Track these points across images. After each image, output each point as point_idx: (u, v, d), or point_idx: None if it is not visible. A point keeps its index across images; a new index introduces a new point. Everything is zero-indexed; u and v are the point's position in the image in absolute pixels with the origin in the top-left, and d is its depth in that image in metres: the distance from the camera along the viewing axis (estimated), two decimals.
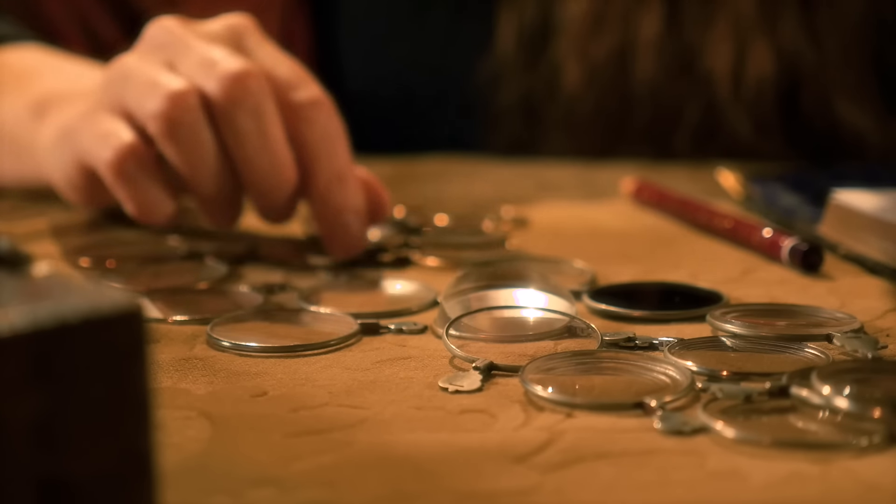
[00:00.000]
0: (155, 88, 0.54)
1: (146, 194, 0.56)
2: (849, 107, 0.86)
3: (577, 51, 0.86)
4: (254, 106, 0.54)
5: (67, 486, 0.28)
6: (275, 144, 0.55)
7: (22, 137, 0.66)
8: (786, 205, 0.68)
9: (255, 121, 0.54)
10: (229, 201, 0.57)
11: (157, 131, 0.54)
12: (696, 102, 0.86)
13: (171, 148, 0.55)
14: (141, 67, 0.56)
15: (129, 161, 0.55)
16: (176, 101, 0.54)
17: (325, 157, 0.56)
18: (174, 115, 0.54)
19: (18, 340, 0.28)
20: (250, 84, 0.54)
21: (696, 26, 0.85)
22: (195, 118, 0.54)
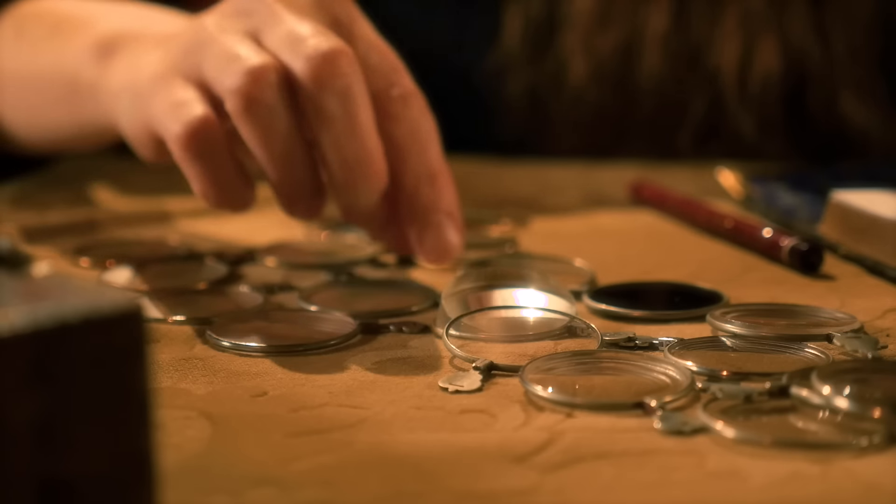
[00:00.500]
0: (235, 61, 0.50)
1: (216, 174, 0.52)
2: (855, 104, 0.86)
3: (584, 45, 0.86)
4: (343, 88, 0.50)
5: (67, 486, 0.28)
6: (364, 131, 0.50)
7: (84, 79, 0.61)
8: (786, 205, 0.68)
9: (343, 104, 0.50)
10: (309, 191, 0.53)
11: (233, 108, 0.50)
12: (701, 99, 0.86)
13: (246, 127, 0.51)
14: (222, 35, 0.52)
15: (199, 136, 0.51)
16: (255, 77, 0.50)
17: (415, 154, 0.52)
18: (252, 91, 0.50)
19: (18, 340, 0.28)
20: (341, 64, 0.50)
21: (703, 22, 0.85)
22: (275, 97, 0.50)
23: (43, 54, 0.65)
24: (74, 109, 0.63)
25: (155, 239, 0.64)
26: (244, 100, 0.50)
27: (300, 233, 0.66)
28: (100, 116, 0.61)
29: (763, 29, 0.85)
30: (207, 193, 0.52)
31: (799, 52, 0.85)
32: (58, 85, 0.63)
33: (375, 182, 0.51)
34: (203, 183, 0.52)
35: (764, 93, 0.85)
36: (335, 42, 0.50)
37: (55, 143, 0.69)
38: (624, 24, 0.86)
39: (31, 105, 0.67)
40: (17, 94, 0.67)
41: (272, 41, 0.51)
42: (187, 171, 0.52)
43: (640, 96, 0.87)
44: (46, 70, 0.64)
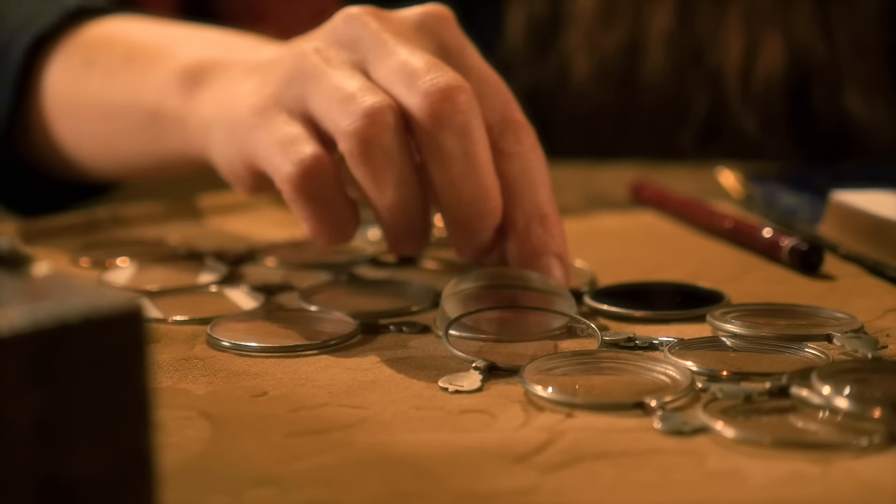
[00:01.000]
0: (350, 101, 0.48)
1: (328, 215, 0.51)
2: (859, 101, 0.86)
3: (587, 43, 0.86)
4: (462, 126, 0.48)
5: (67, 486, 0.28)
6: (481, 169, 0.49)
7: (169, 109, 0.59)
8: (786, 205, 0.68)
9: (461, 142, 0.48)
10: (419, 230, 0.51)
11: (349, 150, 0.48)
12: (704, 97, 0.86)
13: (361, 170, 0.49)
14: (330, 68, 0.50)
15: (312, 177, 0.50)
16: (373, 119, 0.48)
17: (527, 193, 0.50)
18: (370, 134, 0.48)
19: (18, 340, 0.28)
20: (459, 101, 0.48)
21: (707, 20, 0.85)
22: (392, 139, 0.48)
23: (119, 84, 0.63)
24: (156, 140, 0.61)
25: (155, 239, 0.64)
26: (361, 143, 0.48)
27: (300, 233, 0.66)
28: (186, 147, 0.59)
29: (767, 26, 0.85)
30: (319, 233, 0.51)
31: (803, 49, 0.85)
32: (137, 115, 0.61)
33: (491, 220, 0.50)
34: (315, 223, 0.51)
35: (768, 90, 0.85)
36: (452, 77, 0.48)
37: (129, 173, 0.67)
38: (627, 22, 0.86)
39: (104, 135, 0.65)
40: (88, 124, 0.65)
41: (383, 75, 0.50)
42: (299, 211, 0.51)
43: (643, 94, 0.87)
44: (124, 100, 0.62)
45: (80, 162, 0.67)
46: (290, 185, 0.50)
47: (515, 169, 0.50)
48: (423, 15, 0.52)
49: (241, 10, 0.90)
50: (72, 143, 0.67)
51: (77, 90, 0.65)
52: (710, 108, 0.86)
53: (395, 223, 0.51)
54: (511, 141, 0.50)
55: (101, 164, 0.67)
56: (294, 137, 0.50)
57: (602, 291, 0.52)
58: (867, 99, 0.86)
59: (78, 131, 0.66)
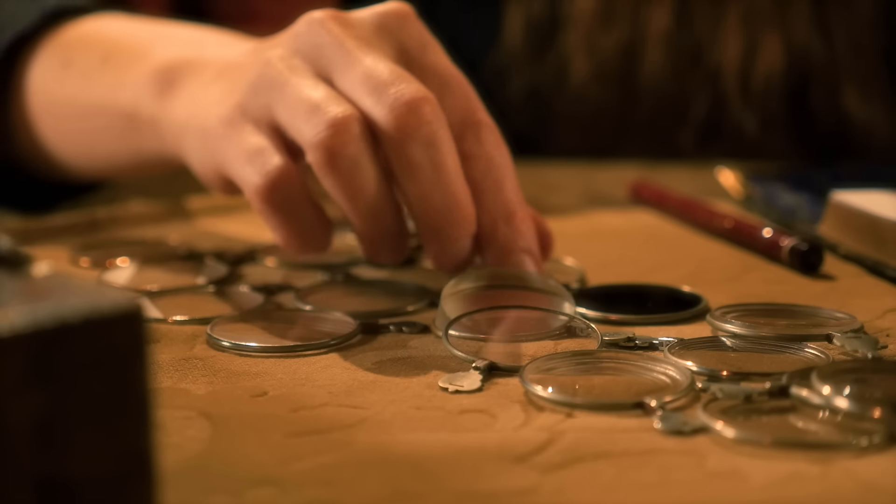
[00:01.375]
0: (314, 112, 0.49)
1: (297, 224, 0.51)
2: (858, 101, 0.86)
3: (586, 44, 0.86)
4: (428, 137, 0.48)
5: (67, 486, 0.28)
6: (450, 178, 0.49)
7: (143, 111, 0.59)
8: (786, 205, 0.68)
9: (429, 153, 0.48)
10: (394, 237, 0.51)
11: (316, 161, 0.49)
12: (703, 97, 0.86)
13: (329, 180, 0.49)
14: (294, 77, 0.50)
15: (279, 188, 0.50)
16: (338, 130, 0.48)
17: (491, 192, 0.51)
18: (335, 145, 0.48)
19: (18, 340, 0.28)
20: (424, 112, 0.48)
21: (705, 20, 0.85)
22: (359, 150, 0.48)
23: (96, 85, 0.63)
24: (134, 141, 0.61)
25: (155, 239, 0.64)
26: (326, 153, 0.48)
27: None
28: (162, 149, 0.59)
29: (766, 27, 0.85)
30: (290, 243, 0.52)
31: (802, 49, 0.85)
32: (114, 116, 0.62)
33: (464, 228, 0.50)
34: (284, 233, 0.51)
35: (767, 91, 0.85)
36: (416, 88, 0.48)
37: (110, 172, 0.68)
38: (626, 22, 0.86)
39: (83, 135, 0.65)
40: (68, 124, 0.66)
41: (347, 84, 0.50)
42: (268, 221, 0.51)
43: (642, 95, 0.87)
44: (100, 101, 0.62)
45: (62, 161, 0.68)
46: (257, 196, 0.50)
47: (478, 170, 0.50)
48: (383, 15, 0.52)
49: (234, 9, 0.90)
50: (53, 143, 0.67)
51: (56, 91, 0.65)
52: (709, 108, 0.86)
53: (368, 232, 0.51)
54: (472, 142, 0.50)
55: (82, 163, 0.67)
56: (260, 149, 0.51)
57: (582, 294, 0.52)
58: (865, 99, 0.86)
59: (58, 131, 0.66)
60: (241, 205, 0.70)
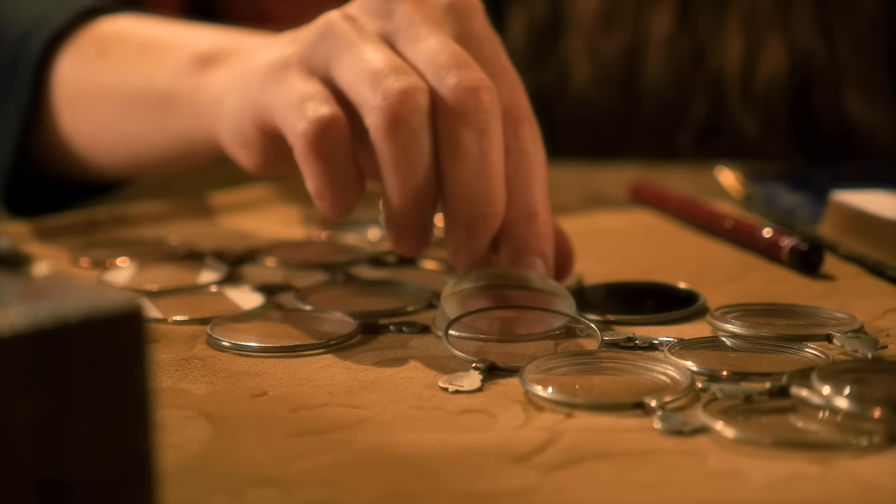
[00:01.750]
0: (382, 76, 0.48)
1: (337, 176, 0.50)
2: (860, 103, 0.86)
3: (588, 48, 0.86)
4: (482, 125, 0.48)
5: (67, 487, 0.28)
6: (493, 171, 0.49)
7: (181, 90, 0.59)
8: (786, 205, 0.68)
9: (479, 141, 0.48)
10: (423, 226, 0.51)
11: (377, 124, 0.48)
12: (704, 100, 0.86)
13: (386, 146, 0.48)
14: (360, 38, 0.50)
15: (326, 136, 0.49)
16: (407, 97, 0.48)
17: (519, 189, 0.50)
18: (401, 112, 0.48)
19: (18, 340, 0.28)
20: (484, 100, 0.48)
21: (707, 23, 0.85)
22: (421, 122, 0.48)
23: (132, 73, 0.63)
24: (166, 123, 0.61)
25: (155, 239, 0.64)
26: (391, 119, 0.48)
27: (300, 233, 0.66)
28: (195, 128, 0.59)
29: (768, 29, 0.85)
30: (322, 194, 0.50)
31: (804, 52, 0.85)
32: (149, 99, 0.62)
33: (492, 224, 0.49)
34: (321, 182, 0.50)
35: (769, 93, 0.85)
36: (480, 76, 0.49)
37: (136, 164, 0.67)
38: (628, 26, 0.86)
39: (114, 122, 0.65)
40: (100, 112, 0.65)
41: (414, 57, 0.50)
42: (306, 168, 0.50)
43: (644, 99, 0.87)
44: (137, 86, 0.62)
45: (87, 154, 0.67)
46: (303, 139, 0.49)
47: (511, 164, 0.50)
48: (454, 1, 0.52)
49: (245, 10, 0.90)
50: (80, 134, 0.67)
51: (90, 79, 0.65)
52: (710, 111, 0.86)
53: (403, 212, 0.50)
54: (511, 136, 0.50)
55: (107, 154, 0.67)
56: (313, 94, 0.50)
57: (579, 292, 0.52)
58: (867, 101, 0.86)
59: (87, 121, 0.66)
60: (241, 204, 0.71)
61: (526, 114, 0.51)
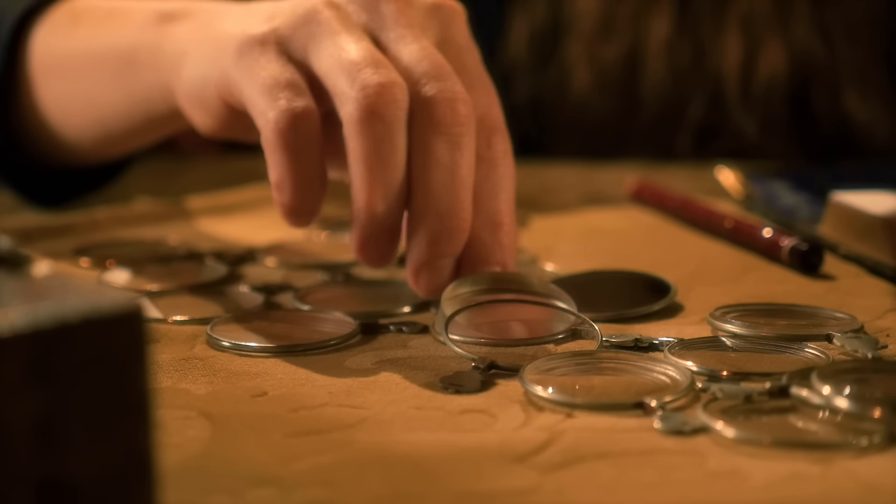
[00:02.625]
0: (362, 68, 0.48)
1: (301, 170, 0.49)
2: (859, 103, 0.86)
3: (588, 54, 0.86)
4: (456, 137, 0.48)
5: (67, 487, 0.28)
6: (462, 185, 0.48)
7: (143, 47, 0.58)
8: (786, 205, 0.68)
9: (451, 153, 0.48)
10: (389, 229, 0.49)
11: (353, 116, 0.47)
12: (703, 102, 0.86)
13: (359, 139, 0.47)
14: (344, 28, 0.49)
15: (299, 129, 0.48)
16: (386, 91, 0.47)
17: (485, 199, 0.50)
18: (378, 106, 0.47)
19: (18, 340, 0.28)
20: (461, 111, 0.48)
21: (706, 27, 0.86)
22: (397, 119, 0.47)
23: (99, 35, 0.62)
24: (128, 83, 0.60)
25: (155, 239, 0.64)
26: (367, 112, 0.47)
27: (300, 233, 0.66)
28: (155, 83, 0.58)
29: (767, 31, 0.85)
30: (283, 186, 0.49)
31: (803, 53, 0.85)
32: (114, 61, 0.61)
33: (458, 239, 0.48)
34: (282, 174, 0.49)
35: (768, 94, 0.85)
36: (459, 88, 0.48)
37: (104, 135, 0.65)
38: (627, 31, 0.86)
39: (82, 89, 0.64)
40: (70, 80, 0.64)
41: (395, 58, 0.49)
42: (271, 158, 0.49)
43: (643, 104, 0.87)
44: (103, 48, 0.61)
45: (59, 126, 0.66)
46: (273, 128, 0.48)
47: (480, 173, 0.49)
48: (439, 6, 0.52)
49: None
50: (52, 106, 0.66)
51: (62, 48, 0.65)
52: (709, 113, 0.87)
53: (369, 212, 0.48)
54: (482, 144, 0.50)
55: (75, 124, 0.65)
56: (289, 83, 0.49)
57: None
58: (866, 100, 0.86)
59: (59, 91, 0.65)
60: (241, 204, 0.71)
61: (499, 124, 0.51)
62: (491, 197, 0.50)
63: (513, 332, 0.47)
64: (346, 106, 0.48)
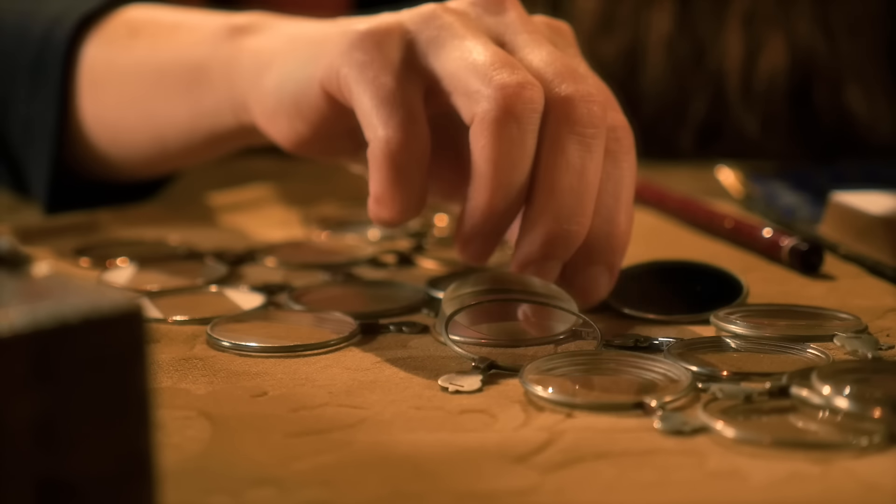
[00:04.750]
0: (498, 66, 0.46)
1: (405, 189, 0.48)
2: (860, 98, 0.86)
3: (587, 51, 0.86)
4: (590, 138, 0.46)
5: (67, 486, 0.28)
6: (588, 189, 0.46)
7: (215, 59, 0.57)
8: (786, 204, 0.68)
9: (582, 156, 0.46)
10: (499, 231, 0.48)
11: (486, 113, 0.45)
12: (704, 99, 0.86)
13: (489, 139, 0.46)
14: (469, 32, 0.48)
15: (411, 150, 0.47)
16: (524, 91, 0.45)
17: (605, 196, 0.48)
18: (516, 105, 0.45)
19: (18, 340, 0.28)
20: (596, 112, 0.46)
21: (707, 23, 0.86)
22: (532, 120, 0.46)
23: (164, 48, 0.60)
24: (195, 96, 0.58)
25: (155, 239, 0.64)
26: (503, 111, 0.45)
27: (300, 233, 0.66)
28: (227, 99, 0.56)
29: (769, 26, 0.85)
30: (384, 201, 0.48)
31: (804, 48, 0.85)
32: (180, 74, 0.59)
33: (574, 243, 0.47)
34: (385, 190, 0.48)
35: (769, 90, 0.85)
36: (595, 90, 0.47)
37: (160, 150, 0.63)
38: (627, 28, 0.86)
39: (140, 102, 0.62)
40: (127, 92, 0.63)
41: (526, 59, 0.48)
42: (376, 173, 0.48)
43: (644, 100, 0.87)
44: (168, 61, 0.60)
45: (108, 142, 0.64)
46: (383, 147, 0.47)
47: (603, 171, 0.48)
48: (552, 25, 0.52)
49: None
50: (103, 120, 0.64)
51: (119, 59, 0.63)
52: (710, 110, 0.86)
53: (486, 214, 0.47)
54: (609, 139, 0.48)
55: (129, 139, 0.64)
56: (405, 101, 0.47)
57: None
58: (868, 95, 0.86)
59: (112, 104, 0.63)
60: (241, 204, 0.71)
61: (624, 123, 0.49)
62: (612, 196, 0.48)
63: (513, 332, 0.47)
64: (479, 104, 0.46)
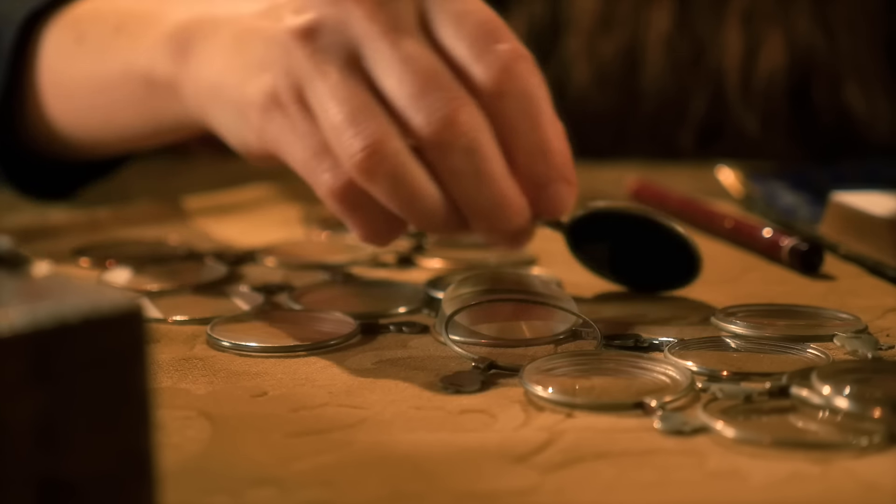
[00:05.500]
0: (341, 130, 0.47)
1: (374, 221, 0.49)
2: (860, 96, 0.86)
3: (587, 50, 0.86)
4: (468, 144, 0.47)
5: (67, 486, 0.28)
6: (496, 180, 0.47)
7: (160, 76, 0.57)
8: (786, 204, 0.68)
9: (470, 160, 0.47)
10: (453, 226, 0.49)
11: (357, 177, 0.47)
12: (704, 98, 0.86)
13: (373, 191, 0.47)
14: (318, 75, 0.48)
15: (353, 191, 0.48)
16: (374, 150, 0.46)
17: (524, 131, 0.48)
18: (370, 168, 0.46)
19: (18, 340, 0.28)
20: (461, 122, 0.46)
21: (707, 21, 0.86)
22: (395, 165, 0.46)
23: (110, 57, 0.61)
24: (150, 107, 0.60)
25: (155, 239, 0.64)
26: (364, 176, 0.47)
27: (300, 233, 0.66)
28: (183, 113, 0.57)
29: (768, 24, 0.85)
30: (368, 238, 0.50)
31: (804, 46, 0.85)
32: (130, 86, 0.60)
33: (516, 221, 0.48)
34: (361, 230, 0.49)
35: (769, 88, 0.85)
36: (450, 96, 0.47)
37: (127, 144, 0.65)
38: (626, 27, 0.86)
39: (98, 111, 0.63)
40: (82, 102, 0.64)
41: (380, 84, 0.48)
42: (344, 220, 0.50)
43: (643, 99, 0.87)
44: (116, 72, 0.61)
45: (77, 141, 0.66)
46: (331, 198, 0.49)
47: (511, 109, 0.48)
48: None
49: None
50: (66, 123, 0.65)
51: (70, 69, 0.64)
52: (710, 108, 0.86)
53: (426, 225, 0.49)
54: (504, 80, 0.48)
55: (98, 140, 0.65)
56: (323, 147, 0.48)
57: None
58: (867, 93, 0.86)
59: (71, 110, 0.65)
60: (241, 204, 0.71)
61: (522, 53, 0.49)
62: (531, 129, 0.48)
63: (513, 332, 0.47)
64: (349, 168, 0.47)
